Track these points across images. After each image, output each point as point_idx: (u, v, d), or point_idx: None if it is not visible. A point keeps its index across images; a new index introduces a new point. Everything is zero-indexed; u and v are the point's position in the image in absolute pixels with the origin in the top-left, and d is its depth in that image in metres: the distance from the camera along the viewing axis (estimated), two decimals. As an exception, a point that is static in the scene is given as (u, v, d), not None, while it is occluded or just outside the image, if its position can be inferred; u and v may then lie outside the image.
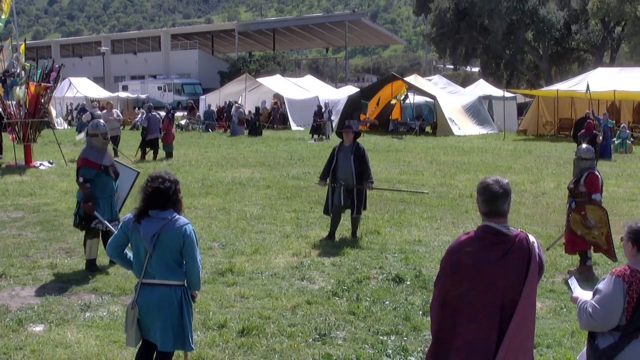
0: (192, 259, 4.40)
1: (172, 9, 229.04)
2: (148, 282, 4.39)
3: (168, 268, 4.38)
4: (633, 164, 19.83)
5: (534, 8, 47.70)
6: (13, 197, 13.06)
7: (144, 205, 4.42)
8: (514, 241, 3.37)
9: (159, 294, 4.36)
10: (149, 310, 4.37)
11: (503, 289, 3.32)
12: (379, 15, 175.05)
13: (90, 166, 7.82)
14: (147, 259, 4.37)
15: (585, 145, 8.31)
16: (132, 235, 4.45)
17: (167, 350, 4.43)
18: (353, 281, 7.46)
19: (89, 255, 7.96)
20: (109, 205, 8.02)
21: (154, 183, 4.44)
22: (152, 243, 4.33)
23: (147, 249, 4.36)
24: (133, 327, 4.40)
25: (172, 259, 4.38)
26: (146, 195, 4.42)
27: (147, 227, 4.35)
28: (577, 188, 8.00)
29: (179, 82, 62.47)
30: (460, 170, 17.59)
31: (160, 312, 4.35)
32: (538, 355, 5.47)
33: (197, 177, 15.88)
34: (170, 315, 4.36)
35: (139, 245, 4.42)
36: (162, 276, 4.37)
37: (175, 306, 4.38)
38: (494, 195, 3.40)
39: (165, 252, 4.35)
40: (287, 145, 25.11)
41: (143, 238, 4.35)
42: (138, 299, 4.39)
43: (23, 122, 18.17)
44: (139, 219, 4.42)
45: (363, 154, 9.49)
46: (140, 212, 4.43)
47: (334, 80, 67.84)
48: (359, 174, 9.40)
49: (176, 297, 4.38)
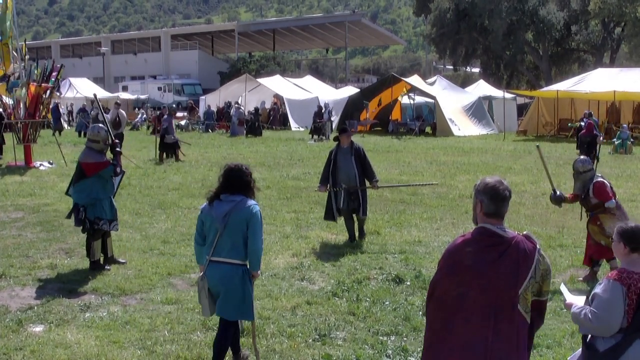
0: (255, 237, 4.88)
1: (172, 10, 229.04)
2: (215, 259, 4.91)
3: (234, 247, 4.88)
4: (633, 165, 19.82)
5: (534, 8, 47.70)
6: (13, 197, 13.07)
7: (218, 190, 4.97)
8: (510, 243, 3.37)
9: (223, 270, 4.87)
10: (213, 284, 4.90)
11: (498, 291, 3.32)
12: (379, 15, 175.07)
13: (107, 166, 7.92)
14: (217, 238, 4.87)
15: (582, 157, 7.99)
16: (206, 219, 4.97)
17: (229, 319, 4.99)
18: (353, 282, 7.46)
19: (93, 257, 7.97)
20: (110, 204, 8.06)
21: (228, 171, 4.98)
22: (224, 223, 4.84)
23: (217, 229, 4.86)
24: (206, 298, 4.93)
25: (240, 238, 4.88)
26: (223, 181, 4.97)
27: (219, 208, 4.90)
28: (589, 202, 7.68)
29: (179, 82, 62.42)
30: (460, 171, 17.59)
31: (223, 286, 4.88)
32: (538, 355, 5.47)
33: (197, 178, 15.88)
34: (233, 290, 4.88)
35: (210, 226, 4.93)
36: (228, 255, 4.88)
37: (237, 282, 4.89)
38: (502, 197, 3.41)
39: (234, 232, 4.86)
40: (287, 145, 25.11)
41: (215, 218, 4.87)
42: (206, 272, 4.92)
43: (23, 122, 18.17)
44: (211, 202, 4.96)
45: (364, 154, 9.38)
46: (213, 196, 4.98)
47: (334, 80, 67.79)
48: (362, 175, 9.32)
49: (237, 275, 4.88)
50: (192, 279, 7.61)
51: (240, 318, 5.12)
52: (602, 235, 7.53)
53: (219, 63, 73.38)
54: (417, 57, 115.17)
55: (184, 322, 6.19)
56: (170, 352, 5.51)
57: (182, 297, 6.92)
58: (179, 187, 14.47)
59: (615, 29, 51.07)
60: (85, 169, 7.88)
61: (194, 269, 8.01)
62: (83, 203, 7.86)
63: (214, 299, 4.96)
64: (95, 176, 7.85)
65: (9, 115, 18.85)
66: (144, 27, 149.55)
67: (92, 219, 7.87)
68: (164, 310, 6.53)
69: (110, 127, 9.10)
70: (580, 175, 7.74)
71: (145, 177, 15.86)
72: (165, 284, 7.42)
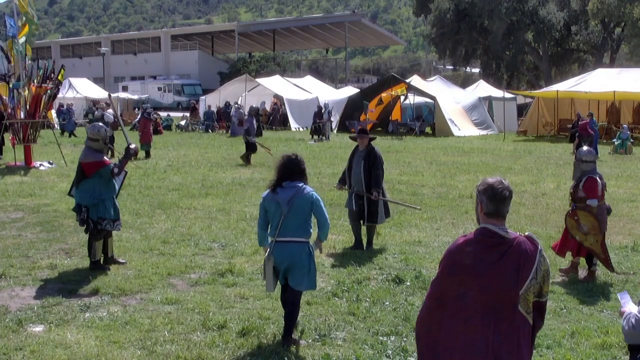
0: (322, 215, 5.63)
1: (172, 10, 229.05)
2: (281, 239, 5.54)
3: (297, 227, 5.53)
4: (633, 165, 19.83)
5: (534, 9, 47.70)
6: (13, 197, 13.07)
7: (280, 178, 5.58)
8: (512, 244, 3.36)
9: (291, 249, 5.55)
10: (282, 261, 5.54)
11: (498, 291, 3.31)
12: (378, 16, 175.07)
13: (106, 164, 7.90)
14: (281, 221, 5.48)
15: (586, 148, 8.07)
16: (269, 205, 5.57)
17: (299, 289, 5.69)
18: (353, 282, 7.46)
19: (94, 257, 7.96)
20: (113, 204, 8.06)
21: (287, 161, 5.62)
22: (289, 206, 5.46)
23: (282, 213, 5.47)
24: (271, 275, 5.57)
25: (302, 219, 5.55)
26: (282, 170, 5.59)
27: (283, 194, 5.52)
28: (576, 192, 7.79)
29: (179, 82, 62.49)
30: (460, 171, 17.59)
31: (292, 262, 5.54)
32: (538, 355, 5.47)
33: (197, 178, 15.88)
34: (300, 264, 5.57)
35: (274, 211, 5.54)
36: (294, 234, 5.53)
37: (304, 258, 5.57)
38: (501, 196, 3.40)
39: (297, 214, 5.51)
40: (287, 146, 25.10)
41: (281, 203, 5.49)
42: (273, 252, 5.53)
43: (23, 122, 18.17)
44: (274, 189, 5.56)
45: (374, 160, 8.96)
46: (276, 184, 5.58)
47: (334, 81, 67.83)
48: (368, 181, 8.96)
49: (304, 251, 5.59)
50: (192, 279, 7.62)
51: (308, 288, 5.79)
52: (577, 230, 7.63)
53: (219, 63, 73.45)
54: (417, 58, 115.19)
55: (184, 322, 6.19)
56: (170, 352, 5.51)
57: (182, 297, 6.92)
58: (179, 187, 14.47)
59: (615, 29, 51.08)
60: (84, 168, 7.88)
61: (194, 269, 8.03)
62: (86, 203, 7.84)
63: (277, 277, 5.62)
64: (97, 176, 7.85)
65: (9, 116, 18.84)
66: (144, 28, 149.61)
67: (95, 219, 7.86)
68: (164, 310, 6.53)
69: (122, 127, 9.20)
70: (581, 164, 7.79)
71: (145, 177, 15.85)
72: (165, 284, 7.41)
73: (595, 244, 7.59)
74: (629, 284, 7.50)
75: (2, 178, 15.84)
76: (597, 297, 7.13)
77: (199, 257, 8.62)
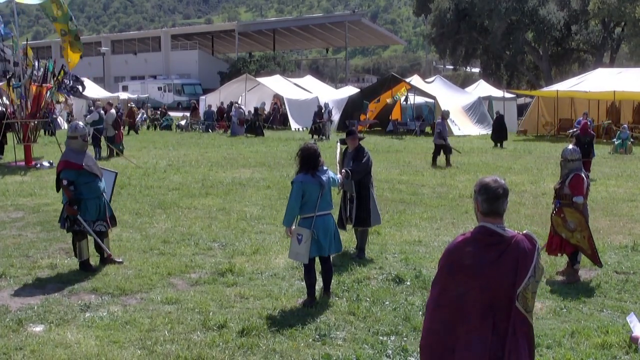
0: (335, 184, 7.09)
1: (172, 10, 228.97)
2: (320, 214, 6.61)
3: (329, 202, 6.79)
4: (633, 164, 19.82)
5: (534, 8, 47.67)
6: (13, 197, 13.07)
7: (312, 165, 6.62)
8: (510, 242, 3.36)
9: (329, 220, 6.74)
10: (327, 231, 6.65)
11: (497, 290, 3.31)
12: (379, 15, 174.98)
13: (71, 167, 7.76)
14: (319, 199, 6.55)
15: (570, 147, 8.13)
16: (307, 187, 6.55)
17: (338, 252, 7.21)
18: (353, 281, 7.47)
19: (80, 257, 7.93)
20: (96, 205, 7.94)
21: (314, 151, 6.73)
22: (328, 186, 6.71)
23: (319, 192, 6.55)
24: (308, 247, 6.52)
25: (330, 195, 6.83)
26: (314, 157, 6.66)
27: (322, 176, 6.66)
28: (562, 189, 7.87)
29: (179, 82, 62.46)
30: (460, 171, 17.59)
31: (331, 230, 6.73)
32: (538, 355, 5.46)
33: (197, 178, 15.88)
34: (335, 231, 6.85)
35: (312, 191, 6.55)
36: (327, 208, 6.73)
37: (334, 226, 6.87)
38: (495, 195, 3.40)
39: (328, 192, 6.74)
40: (287, 145, 25.09)
41: (323, 183, 6.60)
42: (315, 226, 6.54)
43: (23, 122, 18.18)
44: (313, 174, 6.59)
45: (362, 155, 8.54)
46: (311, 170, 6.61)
47: (334, 80, 67.84)
48: (357, 182, 8.55)
49: (333, 220, 6.88)
50: (192, 279, 7.62)
51: (341, 250, 7.17)
52: (563, 228, 7.67)
53: (219, 63, 73.42)
54: (417, 57, 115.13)
55: (184, 322, 6.19)
56: (170, 352, 5.51)
57: (182, 297, 6.92)
58: (179, 187, 14.47)
59: (615, 29, 51.05)
60: (57, 166, 7.96)
61: (194, 268, 8.03)
62: (64, 202, 7.84)
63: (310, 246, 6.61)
64: (77, 175, 7.76)
65: (10, 115, 18.85)
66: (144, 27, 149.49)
67: (72, 219, 7.78)
68: (164, 310, 6.53)
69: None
70: (567, 164, 7.92)
71: (145, 177, 15.85)
72: (165, 284, 7.41)
73: (583, 240, 7.63)
74: (629, 284, 7.50)
75: (2, 178, 15.85)
76: (597, 297, 7.13)
77: (199, 256, 8.63)
